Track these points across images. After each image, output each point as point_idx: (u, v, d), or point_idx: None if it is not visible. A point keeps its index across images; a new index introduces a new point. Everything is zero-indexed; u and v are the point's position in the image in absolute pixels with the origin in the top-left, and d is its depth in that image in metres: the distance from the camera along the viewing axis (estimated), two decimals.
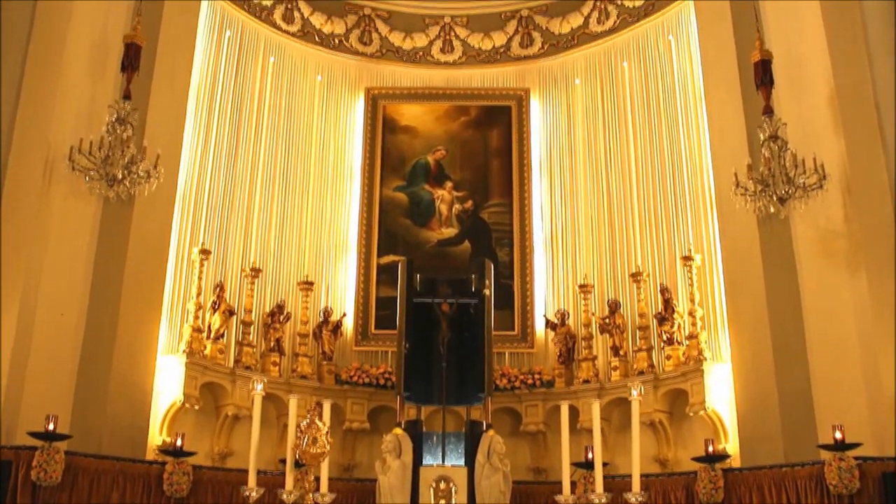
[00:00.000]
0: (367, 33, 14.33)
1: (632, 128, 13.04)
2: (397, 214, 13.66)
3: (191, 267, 11.48)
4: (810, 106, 10.12)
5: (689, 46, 12.37)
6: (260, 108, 13.16)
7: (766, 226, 10.13)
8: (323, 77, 14.03)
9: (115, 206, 9.98)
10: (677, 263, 11.83)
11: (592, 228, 13.05)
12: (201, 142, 12.13)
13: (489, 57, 14.42)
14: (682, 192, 12.15)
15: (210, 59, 12.49)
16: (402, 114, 14.21)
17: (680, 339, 11.37)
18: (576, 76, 13.91)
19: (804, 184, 8.78)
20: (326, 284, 13.10)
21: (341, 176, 13.78)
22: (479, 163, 13.97)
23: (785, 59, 10.09)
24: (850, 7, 10.13)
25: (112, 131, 8.83)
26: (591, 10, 13.82)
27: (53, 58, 9.96)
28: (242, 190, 12.60)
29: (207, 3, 12.45)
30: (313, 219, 13.32)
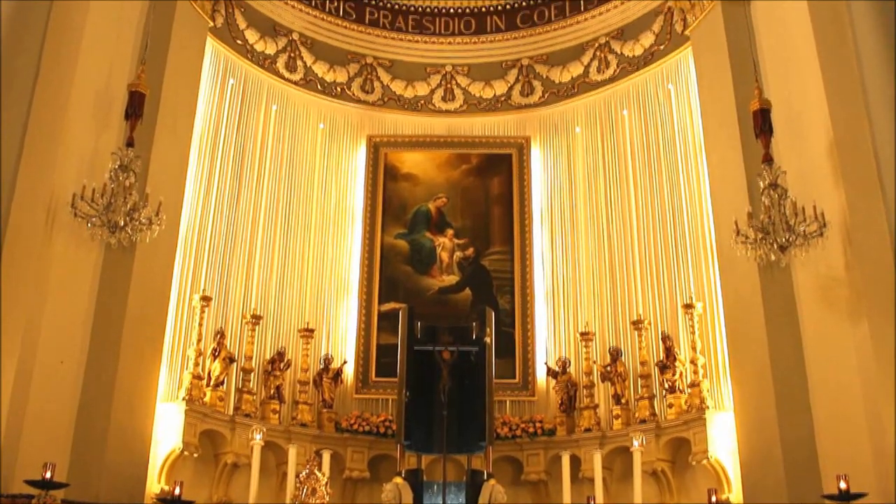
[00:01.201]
0: (368, 82, 14.46)
1: (632, 176, 13.11)
2: (398, 261, 13.68)
3: (191, 313, 11.47)
4: (810, 154, 10.15)
5: (689, 95, 12.47)
6: (262, 155, 13.24)
7: (768, 274, 10.12)
8: (325, 125, 14.14)
9: (116, 253, 9.97)
10: (679, 311, 11.82)
11: (593, 276, 13.06)
12: (203, 188, 12.19)
13: (490, 105, 14.54)
14: (683, 240, 12.17)
15: (213, 106, 12.59)
16: (403, 161, 14.28)
17: (682, 387, 11.32)
18: (576, 124, 14.01)
19: (804, 231, 8.79)
20: (327, 331, 13.09)
21: (343, 223, 13.83)
22: (480, 210, 14.01)
23: (784, 108, 10.15)
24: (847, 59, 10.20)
25: (115, 178, 8.89)
26: (590, 59, 13.97)
27: (58, 105, 10.01)
28: (244, 236, 12.64)
29: (211, 51, 12.59)
30: (314, 266, 13.34)
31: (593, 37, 14.01)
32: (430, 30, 14.74)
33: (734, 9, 11.47)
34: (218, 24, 12.68)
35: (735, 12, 11.43)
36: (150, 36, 10.83)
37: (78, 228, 9.18)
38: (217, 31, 12.69)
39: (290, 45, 13.89)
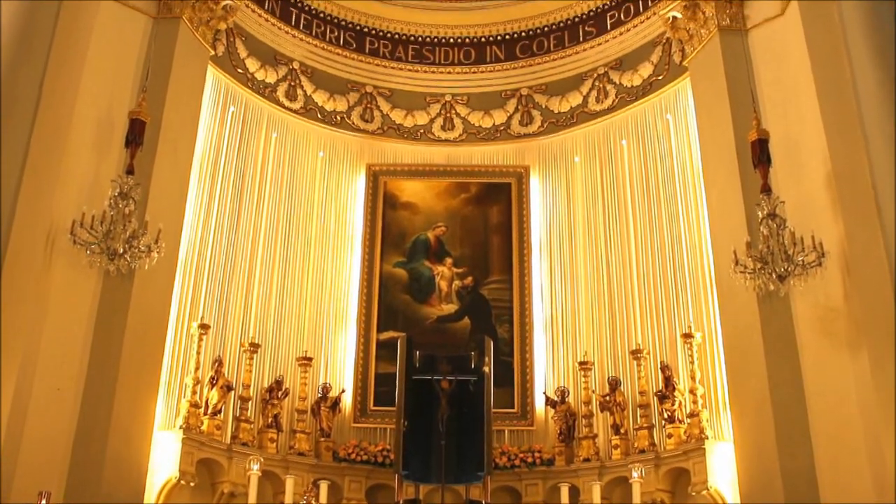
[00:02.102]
0: (368, 111, 14.53)
1: (631, 205, 13.13)
2: (397, 290, 13.66)
3: (189, 341, 11.45)
4: (808, 184, 10.20)
5: (687, 125, 12.52)
6: (262, 183, 13.27)
7: (766, 303, 10.11)
8: (325, 153, 14.18)
9: (115, 280, 9.96)
10: (678, 341, 11.80)
11: (592, 305, 13.04)
12: (203, 216, 12.19)
13: (489, 134, 14.60)
14: (682, 269, 12.17)
15: (213, 134, 12.63)
16: (402, 190, 14.31)
17: (681, 417, 11.28)
18: (575, 154, 14.05)
19: (803, 261, 8.82)
20: (325, 360, 13.04)
21: (342, 251, 13.82)
22: (479, 239, 14.02)
23: (782, 138, 10.22)
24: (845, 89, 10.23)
25: (114, 206, 8.92)
26: (589, 89, 14.05)
27: (59, 131, 10.04)
28: (243, 264, 12.63)
29: (212, 79, 12.65)
30: (313, 294, 13.32)
31: (592, 67, 14.11)
32: (429, 59, 14.84)
33: (732, 40, 11.57)
34: (219, 53, 12.75)
35: (733, 43, 11.53)
36: (151, 64, 10.94)
37: (77, 255, 9.20)
38: (218, 59, 12.76)
39: (291, 74, 13.97)
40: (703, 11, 11.89)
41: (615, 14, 13.95)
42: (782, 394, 10.01)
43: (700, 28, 12.00)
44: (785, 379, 10.01)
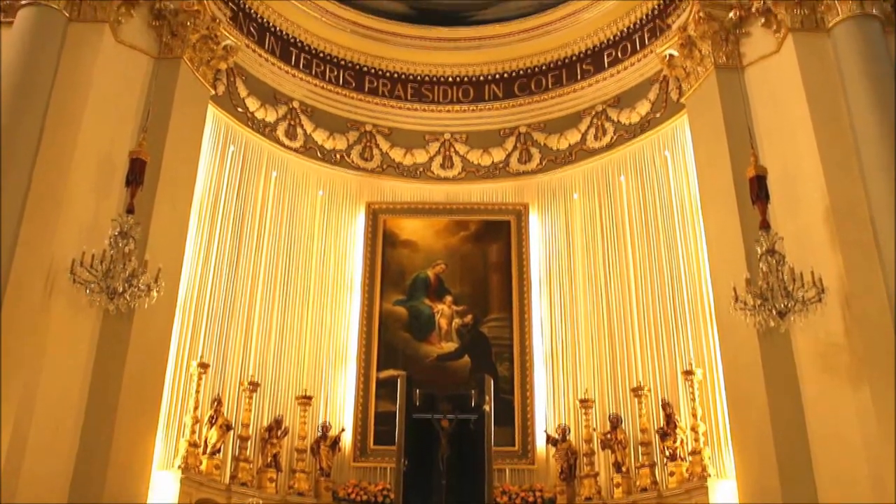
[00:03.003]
0: (368, 149, 14.59)
1: (630, 241, 13.15)
2: (397, 328, 13.64)
3: (189, 380, 11.41)
4: (806, 219, 10.23)
5: (685, 162, 12.57)
6: (261, 221, 13.30)
7: (767, 340, 10.08)
8: (324, 191, 14.22)
9: (114, 319, 9.95)
10: (678, 378, 11.76)
11: (592, 342, 13.01)
12: (202, 254, 12.20)
13: (488, 172, 14.65)
14: (682, 306, 12.15)
15: (213, 173, 12.67)
16: (402, 228, 14.34)
17: (683, 454, 11.21)
18: (574, 191, 14.09)
19: (803, 297, 8.83)
20: (325, 399, 12.98)
21: (341, 289, 13.82)
22: (478, 277, 14.02)
23: (779, 174, 10.27)
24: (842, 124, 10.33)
25: (114, 245, 8.95)
26: (588, 126, 14.13)
27: (60, 171, 10.10)
28: (242, 302, 12.62)
29: (212, 119, 12.71)
30: (313, 332, 13.30)
31: (590, 105, 14.21)
32: (428, 98, 14.94)
33: (728, 77, 11.65)
34: (219, 93, 12.83)
35: (729, 80, 11.61)
36: (152, 104, 11.02)
37: (77, 294, 9.20)
38: (218, 98, 12.84)
39: (291, 113, 14.05)
40: (700, 50, 11.98)
41: (612, 52, 14.06)
42: (784, 430, 9.95)
43: (697, 66, 12.09)
44: (787, 415, 9.96)
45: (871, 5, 10.76)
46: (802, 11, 11.06)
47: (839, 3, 10.80)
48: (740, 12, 11.69)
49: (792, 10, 11.07)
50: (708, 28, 11.78)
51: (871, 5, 10.75)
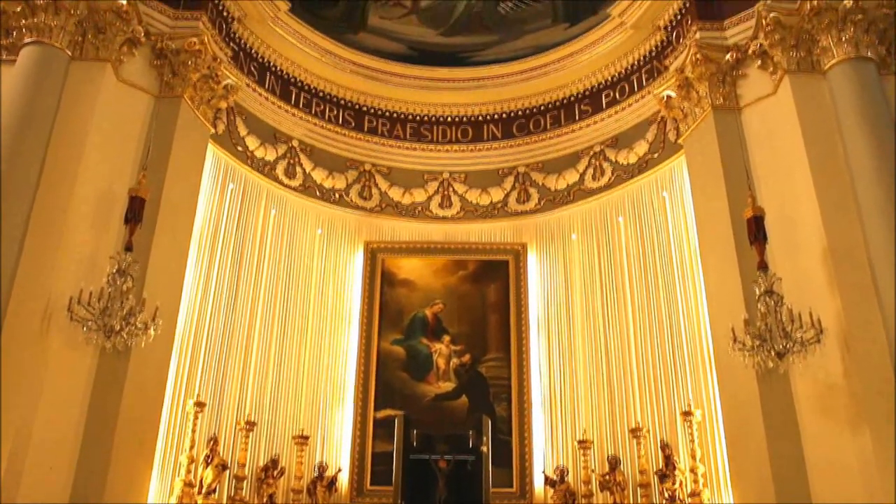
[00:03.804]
0: (367, 188, 14.64)
1: (628, 281, 13.15)
2: (395, 368, 13.59)
3: (185, 419, 11.34)
4: (804, 260, 10.24)
5: (683, 202, 12.60)
6: (260, 259, 13.29)
7: (766, 381, 10.05)
8: (323, 230, 14.24)
9: (111, 357, 9.91)
10: (677, 419, 11.71)
11: (591, 383, 12.97)
12: (200, 293, 12.18)
13: (487, 212, 14.69)
14: (681, 347, 12.13)
15: (212, 211, 12.69)
16: (400, 267, 14.34)
17: (682, 496, 11.13)
18: (572, 231, 14.11)
19: (801, 338, 8.82)
20: (322, 438, 12.90)
21: (339, 329, 13.79)
22: (476, 317, 14.00)
23: (777, 214, 10.30)
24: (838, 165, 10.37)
25: (112, 283, 8.95)
26: (586, 166, 14.20)
27: (59, 208, 10.11)
28: (240, 341, 12.58)
29: (212, 157, 12.76)
30: (310, 371, 13.26)
31: (588, 145, 14.28)
32: (427, 138, 15.03)
33: (726, 118, 11.72)
34: (219, 131, 12.89)
35: (727, 121, 11.69)
36: (152, 142, 11.06)
37: (74, 332, 9.18)
38: (218, 137, 12.89)
39: (290, 152, 14.11)
40: (697, 91, 12.06)
41: (610, 93, 14.17)
42: (784, 471, 9.88)
43: (694, 107, 12.16)
44: (786, 456, 9.90)
45: (866, 48, 10.85)
46: (798, 54, 11.16)
47: (834, 46, 10.90)
48: (737, 54, 11.80)
49: (788, 53, 11.18)
50: (705, 70, 11.88)
51: (866, 48, 10.85)
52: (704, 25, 12.23)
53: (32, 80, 10.53)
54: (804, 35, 11.13)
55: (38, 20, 10.82)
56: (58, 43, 10.82)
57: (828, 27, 10.91)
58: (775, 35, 11.20)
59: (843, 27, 10.86)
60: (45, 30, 10.80)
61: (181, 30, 12.04)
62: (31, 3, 10.82)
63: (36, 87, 10.50)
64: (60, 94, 10.66)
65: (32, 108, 10.35)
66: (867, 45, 10.86)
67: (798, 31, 11.14)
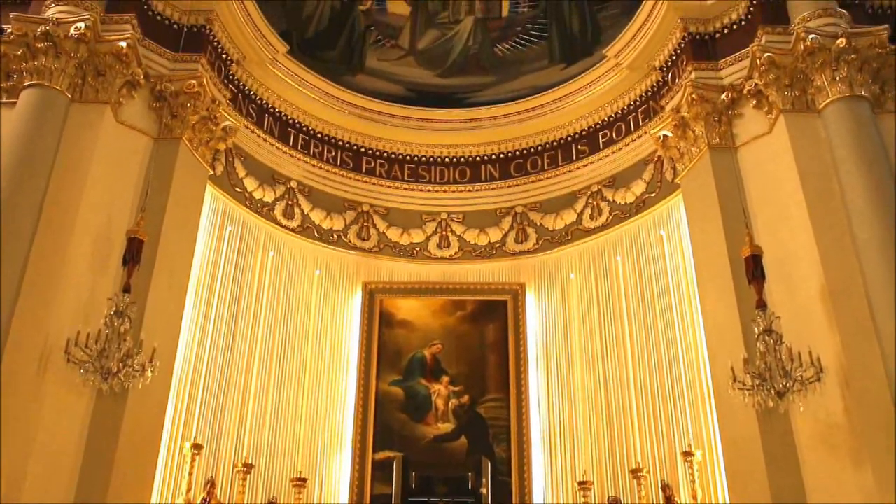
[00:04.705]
0: (365, 229, 14.66)
1: (627, 321, 13.13)
2: (393, 409, 13.53)
3: (182, 462, 11.24)
4: (802, 297, 10.24)
5: (681, 241, 12.62)
6: (258, 300, 13.27)
7: (766, 420, 9.99)
8: (321, 271, 14.24)
9: (108, 399, 9.83)
10: (678, 459, 11.62)
11: (591, 423, 12.90)
12: (198, 334, 12.14)
13: (485, 252, 14.71)
14: (680, 386, 12.08)
15: (211, 252, 12.69)
16: (398, 307, 14.33)
17: None
18: (570, 271, 14.12)
19: (801, 377, 8.79)
20: (320, 481, 12.81)
21: (337, 369, 13.74)
22: (475, 357, 13.96)
23: (775, 252, 10.30)
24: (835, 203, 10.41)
25: (110, 324, 8.91)
26: (583, 206, 14.23)
27: (58, 249, 10.12)
28: (237, 382, 12.52)
29: (210, 198, 12.78)
30: (308, 413, 13.18)
31: (585, 185, 14.33)
32: (425, 178, 15.09)
33: (722, 157, 11.78)
34: (218, 172, 12.92)
35: (723, 160, 11.74)
36: (150, 183, 11.08)
37: (71, 373, 9.12)
38: (217, 178, 12.92)
39: (288, 193, 14.14)
40: (693, 130, 12.13)
41: (607, 133, 14.25)
42: None
43: (690, 146, 12.23)
44: (788, 496, 9.80)
45: (860, 87, 10.95)
46: (793, 93, 11.25)
47: (829, 85, 10.99)
48: (732, 94, 11.89)
49: (782, 92, 11.27)
50: (701, 109, 11.96)
51: (859, 87, 10.94)
52: (699, 65, 12.35)
53: (32, 123, 10.60)
54: (798, 74, 11.23)
55: (38, 63, 10.92)
56: (58, 85, 10.90)
57: (821, 67, 11.02)
58: (770, 75, 11.30)
59: (837, 66, 10.96)
60: (45, 73, 10.89)
61: (180, 72, 12.13)
62: (33, 47, 10.92)
63: (36, 130, 10.56)
64: (60, 136, 10.72)
65: (32, 150, 10.41)
66: (861, 84, 10.96)
67: (792, 71, 11.24)
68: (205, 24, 12.63)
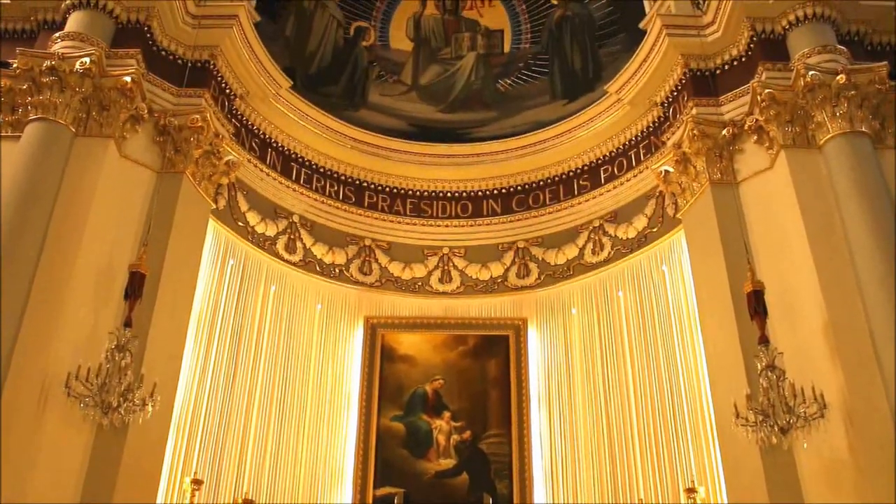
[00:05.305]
0: (367, 263, 14.66)
1: (629, 356, 13.09)
2: (395, 445, 13.45)
3: (182, 497, 11.15)
4: (805, 333, 10.21)
5: (683, 276, 12.60)
6: (259, 334, 13.24)
7: (770, 456, 9.92)
8: (323, 305, 14.22)
9: (107, 433, 9.78)
10: (681, 495, 11.53)
11: (593, 459, 12.82)
12: (199, 368, 12.09)
13: (487, 287, 14.69)
14: (683, 422, 12.02)
15: (212, 286, 12.67)
16: (400, 342, 14.29)
17: None
18: (573, 306, 14.09)
19: (805, 413, 8.75)
20: None
21: (339, 404, 13.68)
22: (477, 392, 13.90)
23: (777, 287, 10.29)
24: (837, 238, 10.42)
25: (111, 358, 8.90)
26: (585, 241, 14.23)
27: (60, 282, 10.12)
28: (238, 416, 12.46)
29: (213, 232, 12.79)
30: (309, 448, 13.12)
31: (587, 220, 14.34)
32: (427, 213, 15.11)
33: (723, 192, 11.79)
34: (220, 207, 12.93)
35: (724, 196, 11.75)
36: (153, 217, 11.10)
37: (71, 408, 9.09)
38: (219, 212, 12.93)
39: (291, 227, 14.16)
40: (694, 166, 12.16)
41: (609, 168, 14.28)
42: None
43: (692, 182, 12.25)
44: None
45: (860, 123, 11.00)
46: (794, 129, 11.30)
47: (829, 121, 11.04)
48: (733, 129, 11.93)
49: (783, 128, 11.31)
50: (702, 145, 12.00)
51: (860, 123, 10.99)
52: (700, 101, 12.40)
53: (37, 156, 10.65)
54: (799, 110, 11.28)
55: (43, 97, 10.99)
56: (62, 119, 10.96)
57: (822, 103, 11.07)
58: (770, 111, 11.35)
59: (837, 103, 11.02)
60: (50, 107, 10.96)
61: (184, 107, 12.20)
62: (38, 81, 11.00)
63: (40, 163, 10.61)
64: (64, 169, 10.76)
65: (36, 184, 10.44)
66: (861, 120, 11.00)
67: (793, 107, 11.29)
68: (209, 60, 12.73)
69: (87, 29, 11.65)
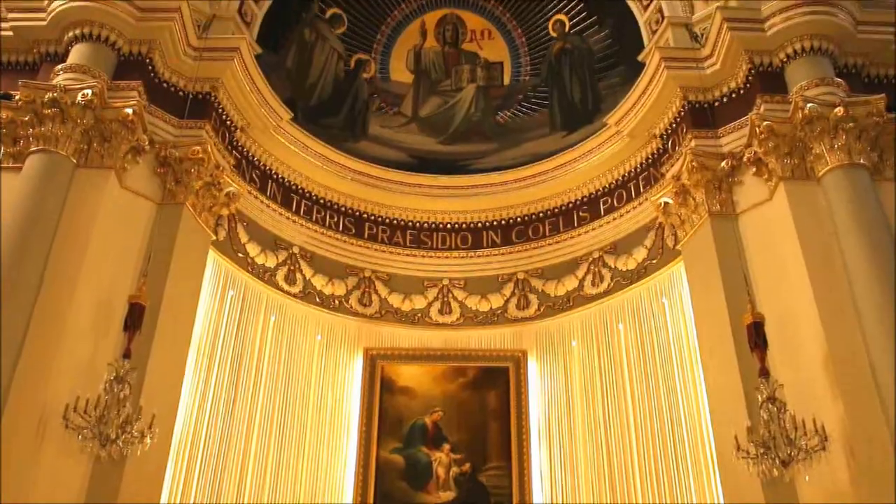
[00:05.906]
0: (367, 295, 14.65)
1: (630, 388, 13.04)
2: (394, 477, 13.38)
3: None
4: (805, 365, 10.18)
5: (683, 308, 12.59)
6: (259, 366, 13.19)
7: (771, 489, 9.85)
8: (322, 336, 14.19)
9: (105, 465, 9.73)
10: None
11: (593, 491, 12.74)
12: (198, 398, 12.04)
13: (486, 319, 14.67)
14: (683, 455, 11.95)
15: (212, 317, 12.64)
16: (400, 374, 14.25)
17: None
18: (572, 337, 14.06)
19: (806, 446, 8.72)
20: None
21: (338, 436, 13.61)
22: (476, 424, 13.84)
23: (777, 319, 10.28)
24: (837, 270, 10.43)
25: (109, 390, 8.88)
26: (585, 273, 14.23)
27: (59, 313, 10.10)
28: (237, 448, 12.39)
29: (213, 264, 12.79)
30: (308, 479, 13.02)
31: (587, 251, 14.34)
32: (427, 244, 15.12)
33: (723, 224, 11.82)
34: (220, 238, 12.94)
35: (724, 228, 11.77)
36: (153, 248, 11.11)
37: (69, 440, 9.05)
38: (219, 244, 12.94)
39: (291, 259, 14.17)
40: (694, 198, 12.19)
41: (608, 200, 14.31)
42: None
43: (691, 213, 12.28)
44: None
45: (859, 155, 11.04)
46: (792, 161, 11.35)
47: (827, 153, 11.08)
48: (732, 161, 11.98)
49: (782, 160, 11.36)
50: (701, 177, 12.04)
51: (858, 155, 11.04)
52: (699, 133, 12.46)
53: (38, 187, 10.68)
54: (797, 143, 11.33)
55: (45, 129, 11.02)
56: (64, 151, 11.00)
57: (820, 135, 11.12)
58: (769, 143, 11.40)
59: (836, 135, 11.07)
60: (51, 138, 11.00)
61: (185, 138, 12.24)
62: (40, 113, 11.05)
63: (41, 194, 10.64)
64: (65, 200, 10.79)
65: (36, 214, 10.47)
66: (859, 152, 11.05)
67: (791, 139, 11.35)
68: (210, 92, 12.79)
69: (89, 61, 11.73)
